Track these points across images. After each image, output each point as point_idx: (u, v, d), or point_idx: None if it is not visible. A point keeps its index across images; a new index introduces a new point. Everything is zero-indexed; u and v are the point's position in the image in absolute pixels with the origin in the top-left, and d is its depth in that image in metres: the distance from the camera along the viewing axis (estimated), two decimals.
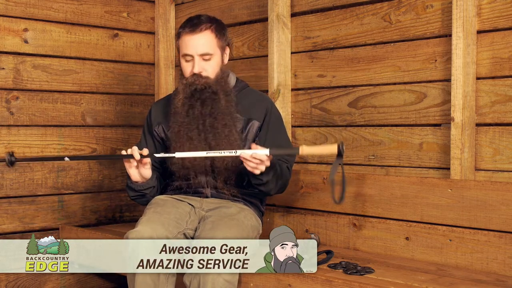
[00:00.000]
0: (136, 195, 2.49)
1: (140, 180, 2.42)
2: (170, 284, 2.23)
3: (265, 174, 2.31)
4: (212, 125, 2.39)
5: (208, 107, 2.40)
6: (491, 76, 2.31)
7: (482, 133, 2.34)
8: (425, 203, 2.37)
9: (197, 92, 2.40)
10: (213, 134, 2.38)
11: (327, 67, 2.81)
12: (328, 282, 2.04)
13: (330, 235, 2.67)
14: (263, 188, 2.38)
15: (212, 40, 2.44)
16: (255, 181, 2.35)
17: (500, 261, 2.18)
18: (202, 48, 2.41)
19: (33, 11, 3.06)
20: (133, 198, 2.52)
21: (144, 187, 2.45)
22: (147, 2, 3.50)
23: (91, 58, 3.27)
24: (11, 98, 3.01)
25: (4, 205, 3.01)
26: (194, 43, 2.41)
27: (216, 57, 2.46)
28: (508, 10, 2.26)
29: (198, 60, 2.41)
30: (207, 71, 2.42)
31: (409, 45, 2.53)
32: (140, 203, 2.54)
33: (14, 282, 3.05)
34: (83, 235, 3.03)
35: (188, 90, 2.42)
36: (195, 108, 2.41)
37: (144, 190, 2.46)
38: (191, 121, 2.40)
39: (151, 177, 2.43)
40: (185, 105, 2.42)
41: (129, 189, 2.49)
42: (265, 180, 2.33)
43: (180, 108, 2.42)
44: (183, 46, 2.44)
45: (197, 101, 2.41)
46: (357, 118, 2.71)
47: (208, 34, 2.44)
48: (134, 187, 2.45)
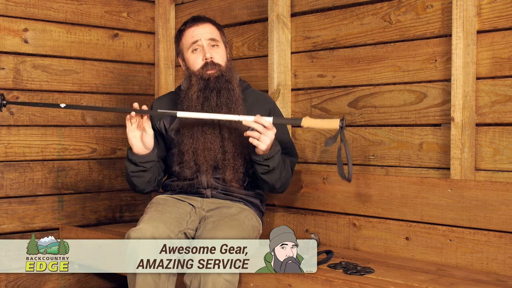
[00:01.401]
0: (136, 170, 2.39)
1: (142, 151, 2.36)
2: (171, 284, 2.24)
3: (271, 159, 2.30)
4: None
5: (223, 97, 2.40)
6: (491, 76, 2.31)
7: (482, 133, 2.34)
8: (425, 203, 2.37)
9: (212, 81, 2.40)
10: (226, 126, 2.38)
11: (327, 67, 2.81)
12: (328, 282, 2.04)
13: (330, 235, 2.67)
14: (269, 178, 2.37)
15: (216, 31, 2.49)
16: (261, 169, 2.34)
17: (500, 261, 2.18)
18: (208, 34, 2.45)
19: (33, 11, 3.07)
20: (132, 174, 2.41)
21: (145, 159, 2.36)
22: (147, 2, 3.50)
23: (91, 58, 3.27)
24: (11, 98, 3.01)
25: (4, 205, 3.01)
26: (200, 31, 2.45)
27: (222, 47, 2.48)
28: (508, 10, 2.26)
29: (207, 46, 2.43)
30: (217, 58, 2.43)
31: (409, 45, 2.53)
32: (138, 185, 2.45)
33: (14, 282, 3.05)
34: (83, 235, 3.03)
35: (202, 81, 2.40)
36: (211, 100, 2.39)
37: (145, 164, 2.37)
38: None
39: (153, 149, 2.38)
40: (200, 98, 2.40)
41: (130, 163, 2.39)
42: (272, 167, 2.32)
43: (195, 101, 2.40)
44: (188, 38, 2.45)
45: (212, 92, 2.39)
46: (357, 118, 2.71)
47: (211, 25, 2.50)
48: (136, 159, 2.36)
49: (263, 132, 2.23)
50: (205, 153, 2.41)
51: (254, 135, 2.24)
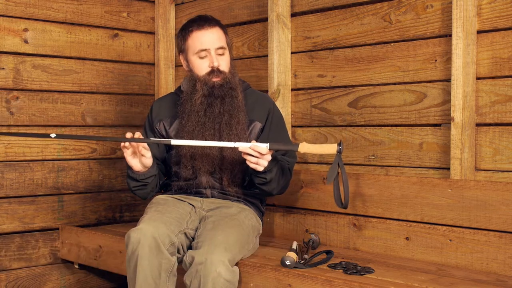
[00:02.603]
0: (138, 185, 2.43)
1: (142, 169, 2.38)
2: (171, 284, 2.24)
3: (269, 172, 2.30)
4: (228, 122, 2.39)
5: (227, 104, 2.40)
6: (491, 76, 2.31)
7: (482, 133, 2.34)
8: (425, 203, 2.37)
9: (216, 89, 2.40)
10: (226, 132, 2.38)
11: (327, 67, 2.81)
12: (328, 282, 2.04)
13: (330, 235, 2.67)
14: (266, 188, 2.37)
15: (223, 36, 2.48)
16: (258, 181, 2.34)
17: (500, 261, 2.18)
18: (218, 42, 2.44)
19: (33, 11, 3.07)
20: (134, 189, 2.45)
21: (146, 175, 2.39)
22: (147, 2, 3.50)
23: (91, 58, 3.27)
24: (11, 98, 3.01)
25: (4, 205, 3.01)
26: (209, 37, 2.43)
27: (228, 53, 2.48)
28: (508, 10, 2.26)
29: (215, 54, 2.42)
30: (223, 66, 2.44)
31: (409, 45, 2.53)
32: (140, 195, 2.49)
33: (14, 282, 3.05)
34: (83, 235, 3.03)
35: (206, 88, 2.41)
36: (214, 107, 2.39)
37: (146, 179, 2.41)
38: (208, 121, 2.39)
39: (152, 165, 2.40)
40: (204, 104, 2.40)
41: (130, 179, 2.43)
42: (269, 179, 2.32)
43: (198, 107, 2.41)
44: (197, 43, 2.44)
45: (217, 99, 2.40)
46: (357, 118, 2.71)
47: (219, 30, 2.48)
48: (136, 177, 2.39)
49: (260, 157, 2.25)
50: (203, 158, 2.41)
51: (252, 159, 2.25)
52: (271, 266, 2.21)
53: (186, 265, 2.19)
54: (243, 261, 2.29)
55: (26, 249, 3.08)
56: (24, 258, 3.08)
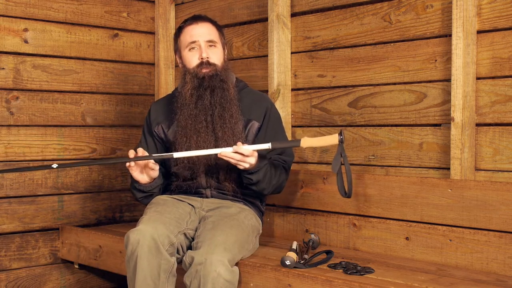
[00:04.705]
0: (145, 195, 2.48)
1: (149, 181, 2.43)
2: (171, 284, 2.23)
3: (255, 174, 2.32)
4: (220, 115, 2.39)
5: (217, 96, 2.40)
6: (491, 76, 2.31)
7: (482, 133, 2.34)
8: (425, 203, 2.37)
9: (206, 80, 2.39)
10: (220, 125, 2.38)
11: (327, 67, 2.81)
12: (328, 282, 2.04)
13: (330, 235, 2.67)
14: (255, 188, 2.40)
15: (215, 31, 2.48)
16: (246, 181, 2.37)
17: (500, 261, 2.18)
18: (207, 35, 2.44)
19: (33, 11, 3.06)
20: (140, 199, 2.50)
21: (153, 186, 2.44)
22: (147, 2, 3.50)
23: (91, 58, 3.27)
24: (11, 98, 3.01)
25: (4, 205, 3.01)
26: (199, 31, 2.44)
27: (220, 48, 2.47)
28: (508, 10, 2.26)
29: (205, 46, 2.42)
30: (213, 58, 2.43)
31: (409, 45, 2.53)
32: (145, 203, 2.52)
33: (14, 282, 3.05)
34: (83, 235, 3.03)
35: (196, 80, 2.41)
36: (204, 98, 2.39)
37: (154, 190, 2.46)
38: (199, 113, 2.39)
39: (158, 175, 2.44)
40: (194, 96, 2.40)
41: (136, 191, 2.47)
42: (255, 180, 2.34)
43: (188, 99, 2.41)
44: (187, 37, 2.45)
45: (206, 90, 2.39)
46: (357, 118, 2.71)
47: (210, 25, 2.49)
48: (143, 189, 2.44)
49: (241, 160, 2.26)
50: (200, 158, 2.41)
51: (231, 161, 2.27)
52: (271, 266, 2.21)
53: (185, 265, 2.19)
54: (243, 261, 2.29)
55: (26, 249, 3.08)
56: (24, 258, 3.08)
